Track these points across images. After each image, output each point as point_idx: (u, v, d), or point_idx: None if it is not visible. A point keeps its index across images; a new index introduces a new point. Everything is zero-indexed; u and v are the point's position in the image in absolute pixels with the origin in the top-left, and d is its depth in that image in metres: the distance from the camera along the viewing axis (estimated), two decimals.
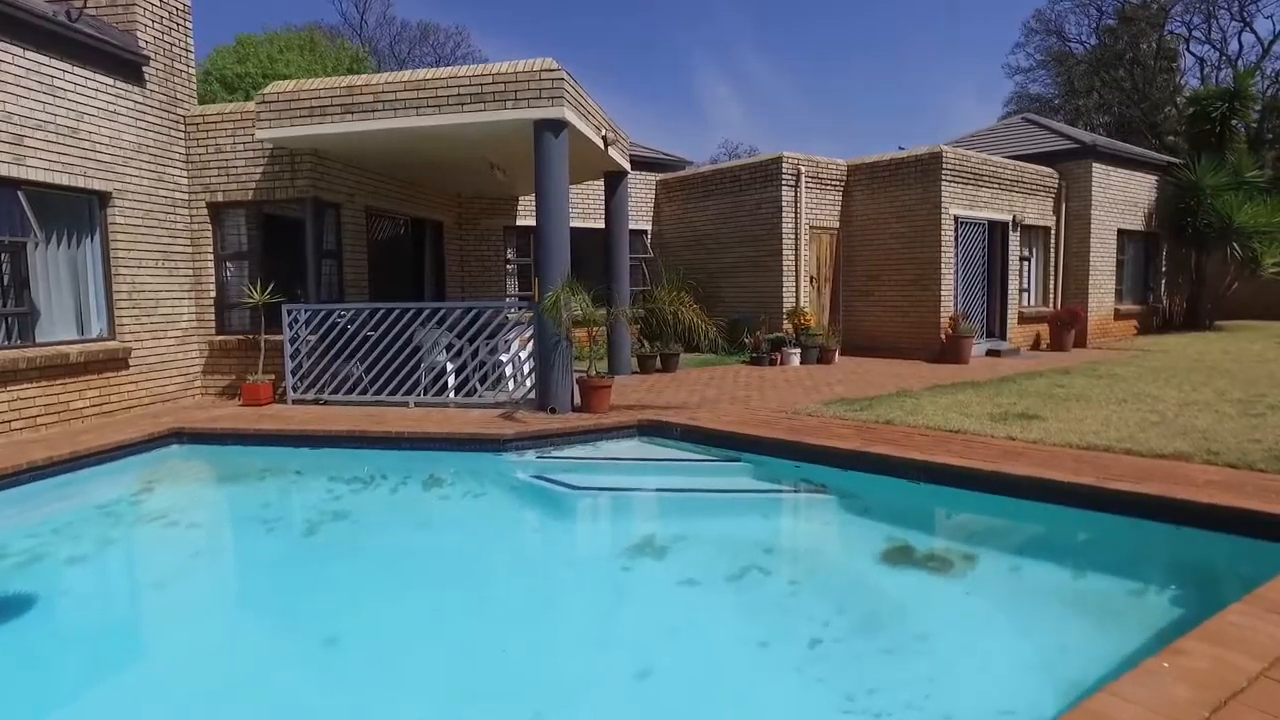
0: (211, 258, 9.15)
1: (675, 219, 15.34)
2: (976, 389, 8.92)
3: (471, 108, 7.65)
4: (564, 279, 7.56)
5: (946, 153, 12.46)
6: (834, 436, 6.29)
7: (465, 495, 6.67)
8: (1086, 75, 35.72)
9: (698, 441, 6.99)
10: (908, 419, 6.89)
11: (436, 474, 6.97)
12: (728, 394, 9.04)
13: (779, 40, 69.41)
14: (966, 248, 13.14)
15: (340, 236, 9.53)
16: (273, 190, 8.92)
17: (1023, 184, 14.00)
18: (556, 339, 7.74)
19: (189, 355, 9.05)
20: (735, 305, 14.02)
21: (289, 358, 8.51)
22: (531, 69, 7.53)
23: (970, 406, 7.60)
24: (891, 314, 13.42)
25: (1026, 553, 4.39)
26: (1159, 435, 6.08)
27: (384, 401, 8.43)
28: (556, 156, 7.66)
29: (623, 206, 10.98)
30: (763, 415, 7.42)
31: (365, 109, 7.85)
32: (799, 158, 13.16)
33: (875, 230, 13.55)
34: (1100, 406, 7.58)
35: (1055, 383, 9.46)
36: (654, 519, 5.87)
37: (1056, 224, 14.84)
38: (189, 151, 8.98)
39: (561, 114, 7.52)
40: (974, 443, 5.95)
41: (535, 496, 6.43)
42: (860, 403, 7.94)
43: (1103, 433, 6.19)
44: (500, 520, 6.03)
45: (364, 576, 4.81)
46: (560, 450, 7.12)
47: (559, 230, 7.78)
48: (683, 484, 6.42)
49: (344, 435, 7.19)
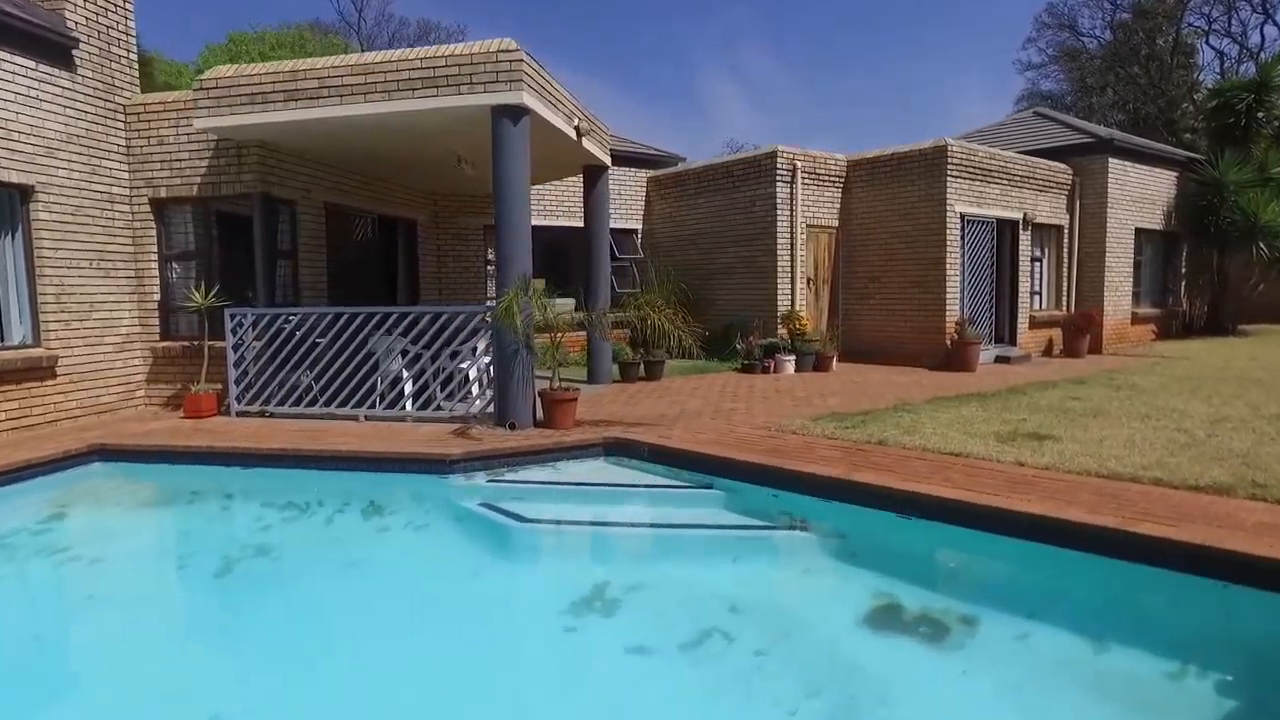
0: (155, 257, 8.50)
1: (667, 217, 14.62)
2: (983, 402, 8.15)
3: (423, 93, 6.95)
4: (521, 281, 6.85)
5: (952, 146, 11.67)
6: (818, 460, 5.54)
7: (405, 527, 5.94)
8: (1100, 71, 34.76)
9: (668, 463, 6.26)
10: (903, 439, 6.14)
11: (377, 500, 6.28)
12: (712, 406, 8.30)
13: (784, 39, 68.61)
14: (974, 247, 12.34)
15: (295, 235, 8.86)
16: (218, 185, 8.25)
17: (1034, 180, 13.19)
18: (515, 347, 7.03)
19: (131, 363, 8.40)
20: (730, 309, 13.28)
21: (232, 366, 7.84)
22: (487, 50, 6.83)
23: (975, 423, 6.83)
24: (894, 318, 12.64)
25: (1037, 615, 3.64)
26: (1192, 461, 5.30)
27: (333, 414, 7.74)
28: (516, 146, 6.95)
29: (603, 203, 10.26)
30: (743, 432, 6.68)
31: (310, 96, 7.16)
32: (795, 152, 12.41)
33: (877, 229, 12.77)
34: (1121, 424, 6.79)
35: (1070, 394, 8.67)
36: (609, 561, 5.14)
37: (1070, 222, 14.02)
38: (129, 143, 8.33)
39: (520, 99, 6.81)
40: (977, 469, 5.19)
41: (479, 530, 5.70)
42: (853, 418, 7.19)
43: (1126, 457, 5.42)
44: (435, 561, 5.30)
45: (272, 632, 4.13)
46: (515, 472, 6.40)
47: (519, 228, 7.07)
48: (645, 516, 5.69)
49: (277, 454, 6.51)
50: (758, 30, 67.83)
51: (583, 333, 13.13)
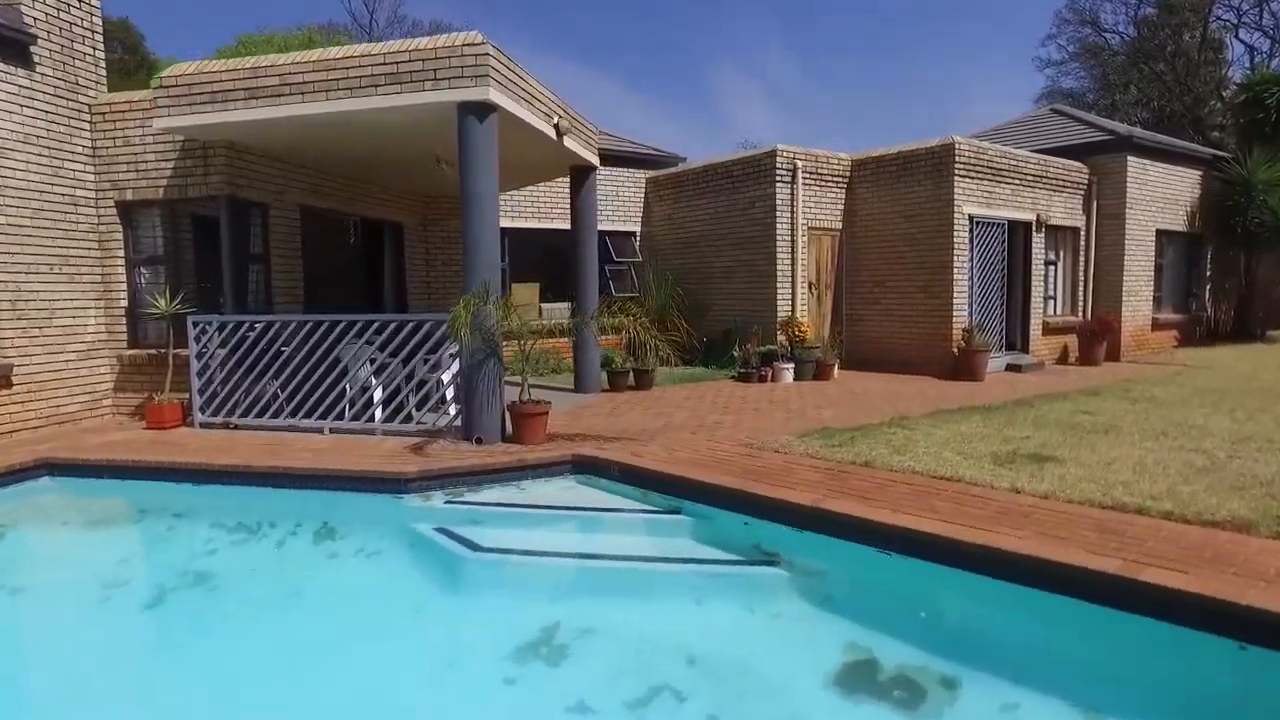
0: (123, 262, 8.22)
1: (666, 219, 14.19)
2: (986, 416, 7.64)
3: (386, 90, 6.60)
4: (481, 287, 6.46)
5: (959, 144, 11.14)
6: (795, 484, 5.09)
7: (356, 553, 5.56)
8: (1123, 68, 33.82)
9: (639, 484, 5.83)
10: (892, 459, 5.67)
11: (331, 522, 5.92)
12: (698, 419, 7.87)
13: (801, 39, 67.90)
14: (983, 250, 11.79)
15: (268, 239, 8.54)
16: (184, 187, 7.95)
17: (1048, 180, 12.60)
18: (482, 357, 6.65)
19: (96, 371, 8.13)
20: (729, 314, 12.83)
21: (195, 375, 7.52)
22: (452, 44, 6.46)
23: (973, 441, 6.34)
24: (899, 324, 12.12)
25: (1025, 678, 3.16)
26: (1209, 489, 4.78)
27: (297, 427, 7.40)
28: (482, 145, 6.57)
29: (590, 205, 9.86)
30: (723, 450, 6.24)
31: (271, 94, 6.83)
32: (795, 151, 11.93)
33: (881, 231, 12.26)
34: (1133, 442, 6.26)
35: (1080, 407, 8.13)
36: (563, 598, 4.71)
37: (1087, 224, 13.40)
38: (95, 144, 8.06)
39: (486, 95, 6.42)
40: (966, 496, 4.71)
41: (429, 559, 5.30)
42: (844, 434, 6.72)
43: (1135, 484, 4.91)
44: (378, 596, 4.91)
45: (192, 674, 3.80)
46: (476, 492, 6.01)
47: (485, 230, 6.68)
48: (607, 546, 5.24)
49: (229, 470, 6.17)
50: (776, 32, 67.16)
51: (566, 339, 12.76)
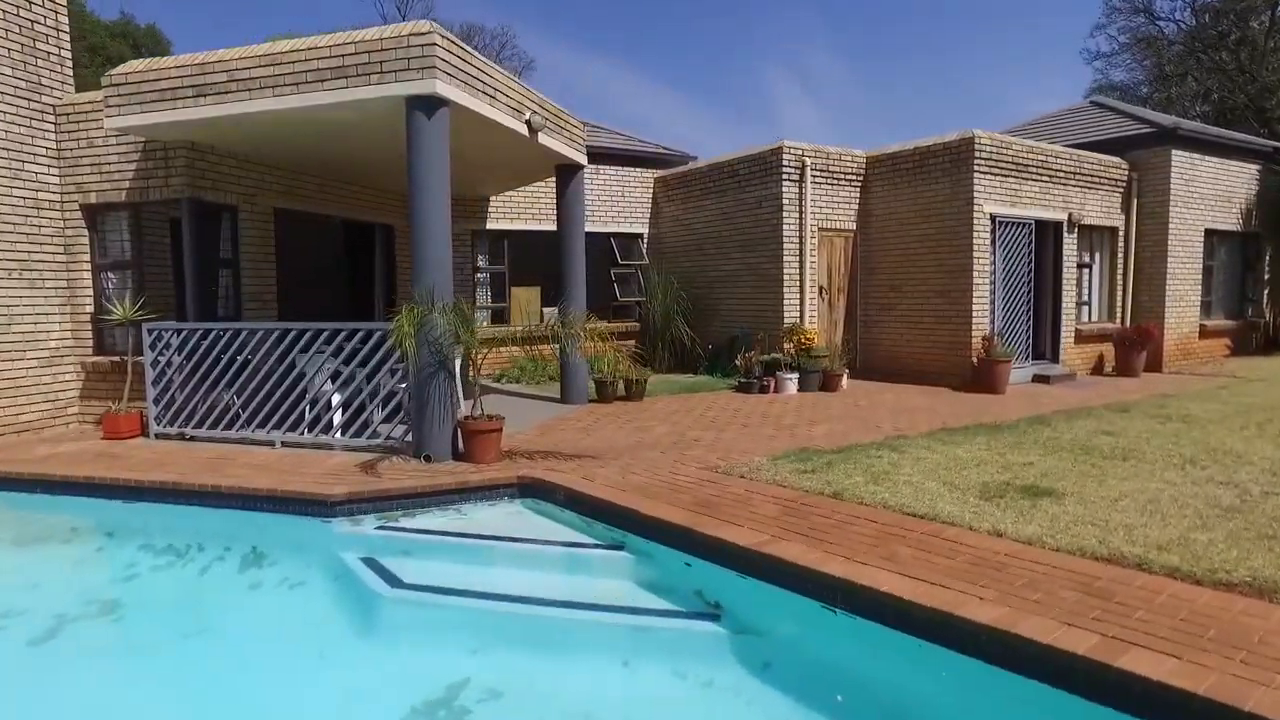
0: (88, 267, 8.02)
1: (674, 220, 13.62)
2: (992, 436, 6.90)
3: (333, 84, 6.19)
4: (424, 295, 6.00)
5: (980, 138, 10.33)
6: (746, 520, 4.50)
7: (279, 584, 5.13)
8: (1181, 59, 31.99)
9: (584, 512, 5.30)
10: (865, 490, 5.02)
11: (262, 546, 5.54)
12: (676, 435, 7.30)
13: (845, 37, 66.43)
14: (1008, 252, 10.94)
15: (237, 243, 8.25)
16: (146, 190, 7.70)
17: (1082, 176, 11.67)
18: (433, 369, 6.20)
19: (60, 379, 7.93)
20: (735, 319, 12.21)
21: (151, 385, 7.24)
22: (399, 34, 6.02)
23: (966, 468, 5.64)
24: (915, 332, 11.34)
25: None
26: (1231, 537, 4.04)
27: (250, 439, 7.06)
28: (430, 142, 6.11)
29: (576, 205, 9.36)
30: (684, 475, 5.67)
31: (219, 90, 6.50)
32: (804, 148, 11.25)
33: (898, 232, 11.49)
34: (1152, 472, 5.49)
35: (1103, 426, 7.32)
36: (478, 650, 4.19)
37: (1126, 223, 12.40)
38: (60, 146, 7.86)
39: (433, 89, 5.97)
40: (936, 540, 4.06)
41: (347, 595, 4.84)
42: (825, 456, 6.08)
43: (1141, 529, 4.19)
44: (287, 636, 4.48)
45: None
46: (412, 517, 5.55)
47: (435, 234, 6.23)
48: (536, 586, 4.67)
49: (158, 488, 5.83)
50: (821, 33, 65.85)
51: None
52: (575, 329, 6.66)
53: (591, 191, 13.17)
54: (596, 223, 13.24)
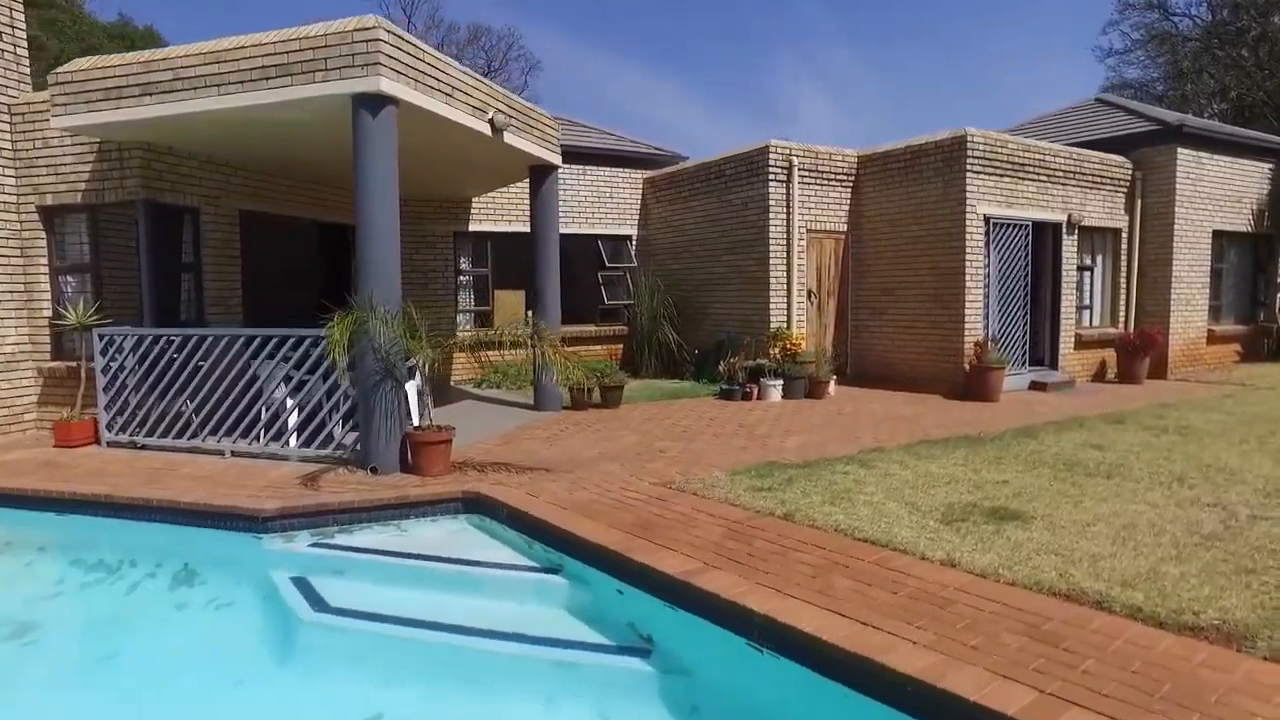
0: (46, 270, 7.84)
1: (663, 222, 13.32)
2: (972, 449, 6.55)
3: (277, 82, 5.96)
4: (364, 302, 5.74)
5: (973, 136, 9.95)
6: (683, 544, 4.20)
7: (206, 604, 4.92)
8: (1196, 55, 31.26)
9: (525, 531, 5.01)
10: (819, 511, 4.70)
11: (193, 564, 5.32)
12: (643, 446, 7.00)
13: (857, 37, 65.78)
14: (1004, 255, 10.55)
15: (199, 246, 8.05)
16: (102, 191, 7.51)
17: (1082, 176, 11.25)
18: (378, 378, 5.94)
19: (17, 385, 7.76)
20: (723, 323, 11.89)
21: (102, 391, 7.05)
22: (344, 29, 5.77)
23: (935, 487, 5.29)
24: (907, 337, 10.97)
25: None
26: (1206, 570, 3.68)
27: (200, 448, 6.84)
28: (376, 142, 5.86)
29: (549, 206, 9.08)
30: (635, 490, 5.37)
31: (164, 89, 6.28)
32: (791, 147, 10.91)
33: (890, 234, 11.13)
34: (1133, 493, 5.13)
35: (1093, 439, 6.95)
36: (395, 683, 3.90)
37: (1130, 225, 11.96)
38: (15, 146, 7.69)
39: (377, 86, 5.71)
40: (882, 571, 3.74)
41: (270, 618, 4.60)
42: (789, 471, 5.76)
43: (1109, 559, 3.84)
44: (209, 659, 4.26)
45: None
46: (349, 534, 5.29)
47: (381, 238, 5.97)
48: (466, 613, 4.34)
49: (90, 500, 5.61)
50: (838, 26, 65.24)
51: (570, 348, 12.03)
52: (540, 333, 6.39)
53: (579, 193, 12.92)
54: (584, 225, 12.99)
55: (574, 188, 12.85)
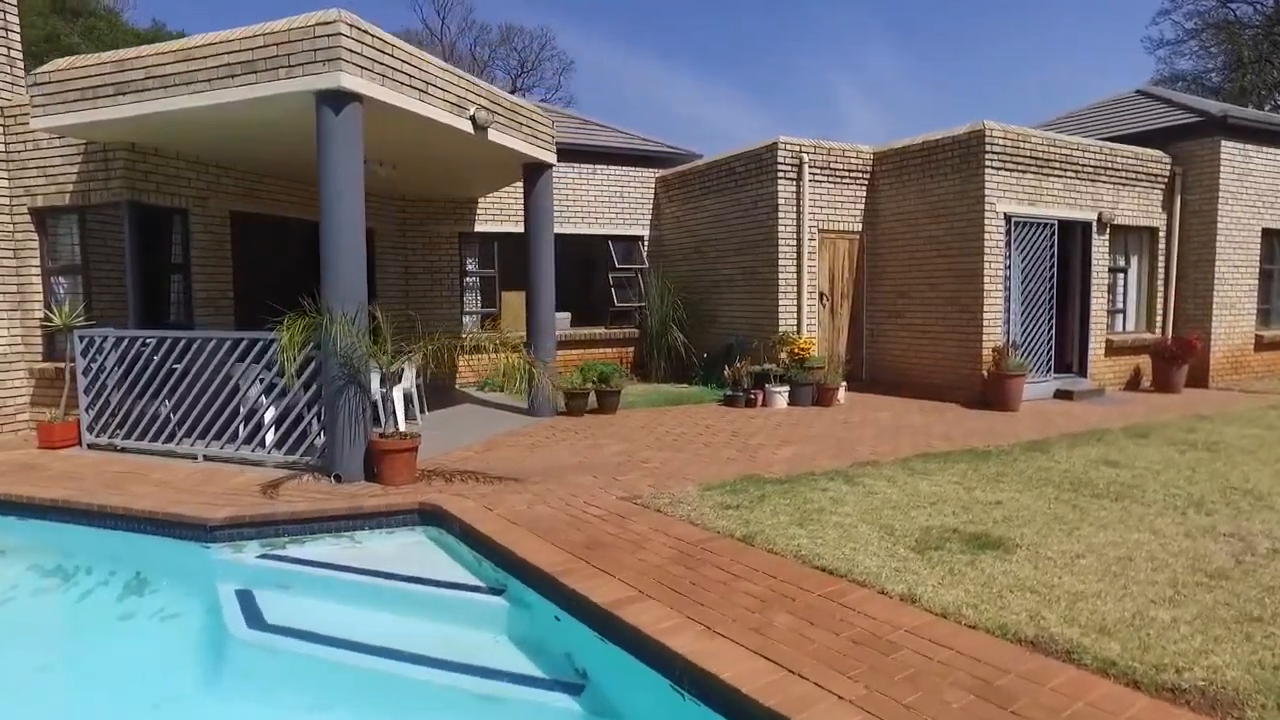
0: (38, 271, 7.87)
1: (675, 222, 12.99)
2: (975, 464, 6.10)
3: (244, 80, 5.81)
4: (326, 304, 5.55)
5: (991, 130, 9.41)
6: (628, 567, 3.89)
7: (153, 615, 4.78)
8: (1258, 43, 29.68)
9: (475, 547, 4.75)
10: (781, 535, 4.34)
11: (145, 573, 5.21)
12: (627, 455, 6.71)
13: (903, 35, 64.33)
14: (1028, 256, 9.97)
15: (188, 247, 8.00)
16: (88, 193, 7.50)
17: (1114, 171, 10.58)
18: (341, 383, 5.75)
19: (10, 386, 7.81)
20: (732, 327, 11.53)
21: (83, 393, 7.02)
22: (306, 24, 5.60)
23: (917, 507, 4.88)
24: (923, 341, 10.45)
25: None
26: (1201, 618, 3.24)
27: (174, 452, 6.76)
28: (339, 141, 5.67)
29: (543, 206, 8.83)
30: (598, 505, 5.08)
31: (136, 89, 6.19)
32: (801, 143, 10.48)
33: (905, 234, 10.63)
34: (1140, 519, 4.65)
35: (1109, 455, 6.43)
36: (315, 711, 3.71)
37: (1168, 223, 11.23)
38: (8, 148, 7.74)
39: (338, 82, 5.52)
40: (831, 606, 3.38)
41: (207, 632, 4.42)
42: (764, 487, 5.40)
43: (1090, 598, 3.41)
44: (140, 674, 4.12)
45: None
46: (301, 545, 5.09)
47: (344, 240, 5.79)
48: (403, 637, 4.05)
49: (48, 505, 5.53)
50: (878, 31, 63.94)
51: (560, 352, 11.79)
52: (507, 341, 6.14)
53: (589, 192, 12.67)
54: (594, 225, 12.73)
55: (584, 187, 12.61)
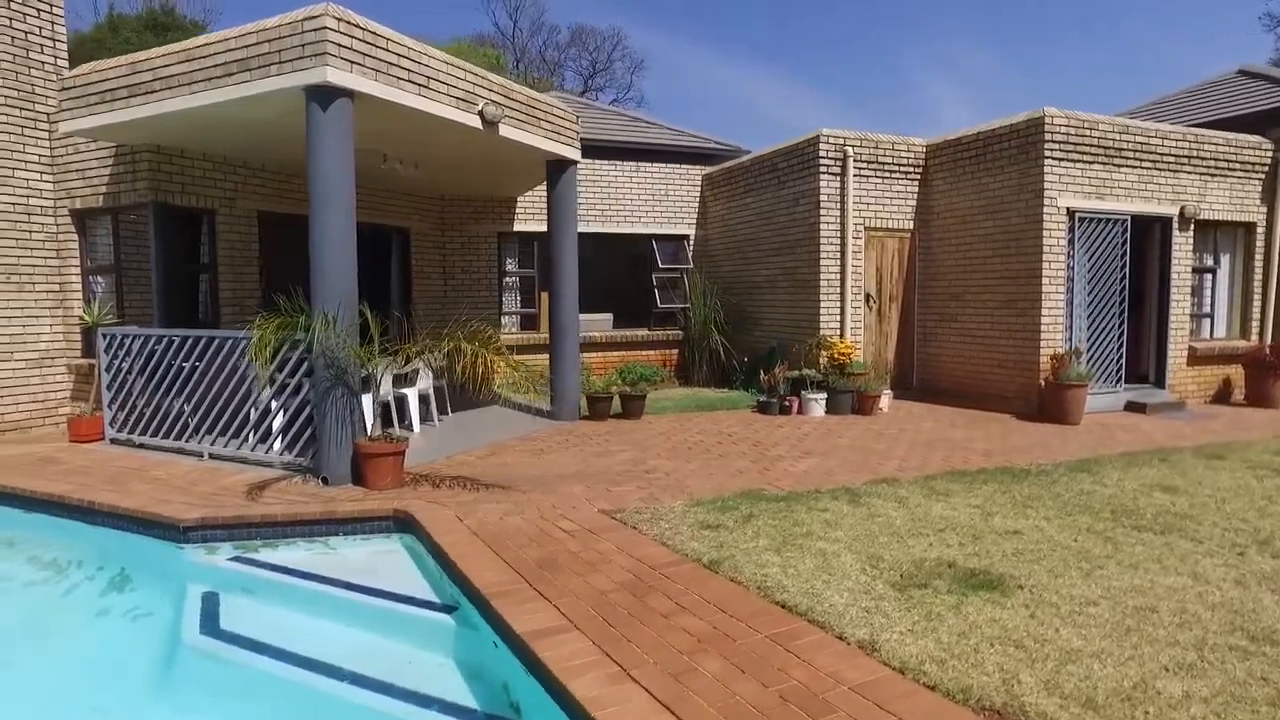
0: (78, 271, 8.18)
1: (720, 221, 12.55)
2: (1006, 485, 5.47)
3: (239, 78, 5.79)
4: (303, 305, 5.44)
5: (1052, 117, 8.58)
6: (572, 592, 3.57)
7: (126, 613, 4.79)
8: None
9: (439, 560, 4.53)
10: (755, 560, 3.92)
11: (128, 570, 5.24)
12: (630, 465, 6.38)
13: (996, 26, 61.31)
14: (1095, 254, 9.07)
15: (215, 248, 8.16)
16: (118, 194, 7.72)
17: (1201, 160, 9.51)
18: (328, 384, 5.65)
19: (50, 380, 8.13)
20: (775, 330, 11.03)
21: (105, 389, 7.21)
22: (294, 19, 5.51)
23: (919, 535, 4.34)
24: (977, 348, 9.67)
25: None
26: (1219, 695, 2.65)
27: (183, 449, 6.84)
28: (327, 138, 5.55)
29: (566, 203, 8.59)
30: (574, 520, 4.76)
31: (146, 90, 6.29)
32: (846, 136, 9.88)
33: (960, 232, 9.87)
34: (1181, 559, 3.98)
35: (1169, 478, 5.66)
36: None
37: (1270, 218, 10.04)
38: (53, 153, 8.06)
39: (324, 77, 5.40)
40: (774, 652, 2.95)
41: (166, 635, 4.35)
42: (759, 504, 4.96)
43: (1086, 660, 2.86)
44: (94, 678, 4.06)
45: None
46: (274, 549, 4.99)
47: (332, 239, 5.67)
48: (352, 655, 3.82)
49: (46, 499, 5.64)
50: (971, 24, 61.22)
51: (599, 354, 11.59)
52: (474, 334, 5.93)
53: (631, 190, 12.39)
54: (637, 224, 12.44)
55: (626, 185, 12.34)
